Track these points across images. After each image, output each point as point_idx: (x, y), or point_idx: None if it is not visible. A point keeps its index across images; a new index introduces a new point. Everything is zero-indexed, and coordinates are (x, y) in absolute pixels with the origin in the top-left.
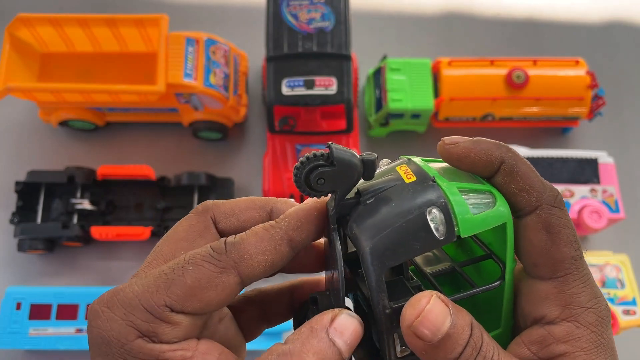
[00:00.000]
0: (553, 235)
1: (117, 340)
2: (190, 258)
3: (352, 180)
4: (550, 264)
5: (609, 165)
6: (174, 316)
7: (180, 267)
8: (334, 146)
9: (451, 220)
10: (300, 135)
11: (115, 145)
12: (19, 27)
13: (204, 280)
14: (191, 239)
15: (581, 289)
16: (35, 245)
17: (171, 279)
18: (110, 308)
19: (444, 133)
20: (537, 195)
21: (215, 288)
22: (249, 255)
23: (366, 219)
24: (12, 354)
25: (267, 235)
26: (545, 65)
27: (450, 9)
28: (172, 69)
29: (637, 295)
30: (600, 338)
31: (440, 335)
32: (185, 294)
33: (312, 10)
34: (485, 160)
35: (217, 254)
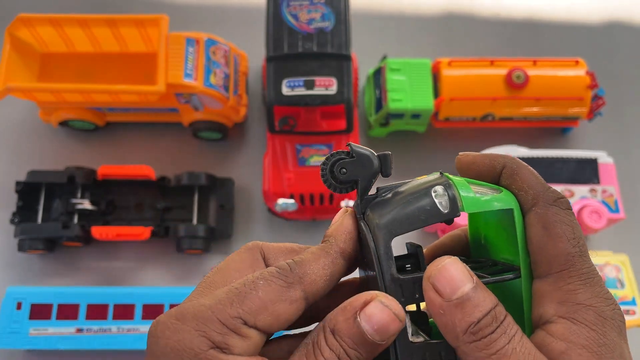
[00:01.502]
0: (549, 231)
1: (190, 349)
2: (260, 275)
3: (370, 170)
4: (546, 260)
5: (609, 165)
6: (246, 329)
7: (251, 282)
8: (352, 143)
9: (454, 197)
10: (300, 135)
11: (115, 145)
12: (19, 28)
13: (274, 294)
14: (243, 270)
15: (578, 285)
16: (36, 245)
17: (244, 292)
18: (180, 320)
19: (444, 133)
20: (534, 193)
21: (284, 302)
22: (311, 270)
23: (381, 204)
24: (12, 354)
25: (323, 252)
26: (545, 65)
27: (450, 9)
28: (172, 69)
29: (636, 295)
30: (603, 338)
31: (459, 294)
32: (258, 306)
33: (312, 11)
34: (489, 164)
35: (284, 271)
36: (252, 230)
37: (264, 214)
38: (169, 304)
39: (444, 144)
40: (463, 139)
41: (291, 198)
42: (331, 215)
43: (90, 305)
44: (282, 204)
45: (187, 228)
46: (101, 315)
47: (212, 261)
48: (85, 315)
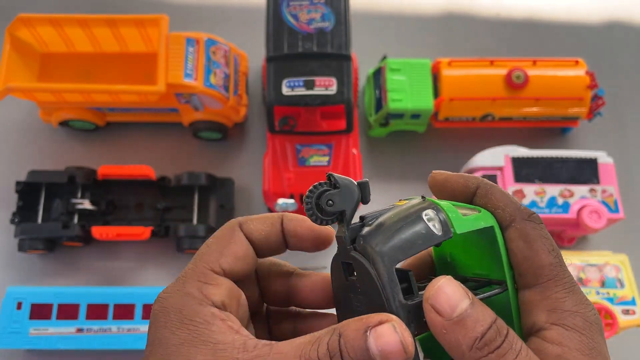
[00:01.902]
0: (530, 244)
1: (176, 307)
2: (211, 236)
3: (354, 199)
4: (531, 271)
5: (609, 165)
6: (216, 277)
7: (205, 245)
8: (334, 174)
9: (445, 220)
10: (300, 135)
11: (115, 145)
12: (19, 28)
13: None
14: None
15: (564, 294)
16: (36, 245)
17: (202, 253)
18: (167, 292)
19: (444, 133)
20: (510, 211)
21: (235, 243)
22: (251, 221)
23: (371, 233)
24: (12, 354)
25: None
26: (545, 65)
27: (450, 9)
28: (173, 69)
29: (636, 295)
30: (592, 342)
31: (459, 312)
32: (216, 255)
33: (312, 11)
34: (463, 184)
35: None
36: None
37: None
38: None
39: (444, 144)
40: (463, 139)
41: (291, 198)
42: None
43: (90, 305)
44: (282, 204)
45: (187, 228)
46: (101, 315)
47: None
48: (86, 315)
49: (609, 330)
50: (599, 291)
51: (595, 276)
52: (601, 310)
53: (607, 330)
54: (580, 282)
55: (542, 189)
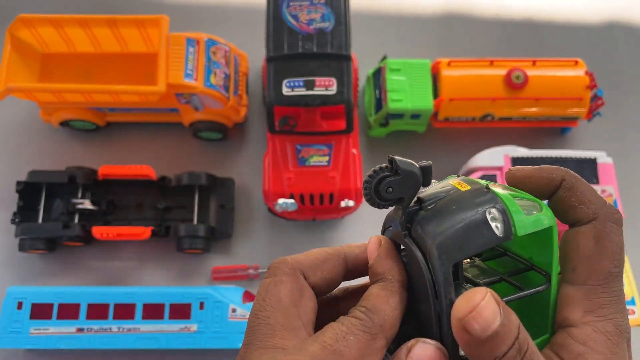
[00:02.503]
0: (600, 246)
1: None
2: (347, 329)
3: (416, 186)
4: (587, 270)
5: (608, 165)
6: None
7: (342, 337)
8: (396, 157)
9: (509, 220)
10: (300, 135)
11: (116, 145)
12: (20, 28)
13: (364, 349)
14: (296, 302)
15: (608, 301)
16: (36, 245)
17: (339, 351)
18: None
19: (444, 133)
20: (595, 208)
21: (373, 354)
22: (387, 316)
23: (430, 221)
24: (13, 353)
25: (389, 292)
26: (545, 65)
27: (450, 10)
28: (173, 70)
29: (636, 295)
30: (616, 348)
31: (490, 332)
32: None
33: (312, 11)
34: (548, 177)
35: (365, 322)
36: (252, 230)
37: (264, 214)
38: (169, 304)
39: (444, 144)
40: (462, 139)
41: (291, 198)
42: (331, 215)
43: (90, 304)
44: (282, 204)
45: (188, 228)
46: (102, 315)
47: (212, 261)
48: (86, 315)
49: None
50: None
51: None
52: None
53: None
54: None
55: None
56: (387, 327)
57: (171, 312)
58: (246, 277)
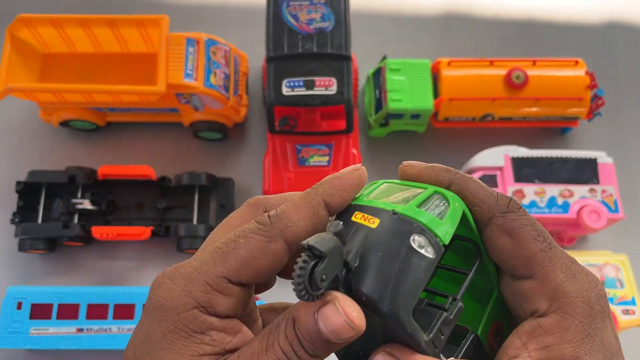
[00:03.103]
0: (515, 236)
1: (174, 307)
2: (241, 232)
3: (341, 256)
4: (524, 263)
5: (608, 165)
6: (229, 287)
7: (232, 241)
8: (313, 243)
9: (432, 237)
10: (300, 135)
11: (116, 145)
12: (20, 28)
13: (255, 250)
14: (242, 226)
15: (563, 278)
16: (36, 245)
17: (225, 252)
18: (172, 280)
19: (444, 133)
20: (488, 207)
21: (266, 256)
22: (292, 223)
23: (366, 279)
24: (13, 354)
25: (304, 203)
26: (545, 65)
27: (450, 9)
28: (173, 70)
29: (636, 295)
30: (588, 329)
31: None
32: (240, 264)
33: (312, 11)
34: (435, 180)
35: (264, 226)
36: None
37: None
38: None
39: (444, 144)
40: (462, 139)
41: None
42: None
43: (90, 305)
44: None
45: (188, 228)
46: (101, 315)
47: None
48: (86, 315)
49: None
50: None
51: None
52: None
53: None
54: None
55: (542, 189)
56: (288, 233)
57: None
58: None
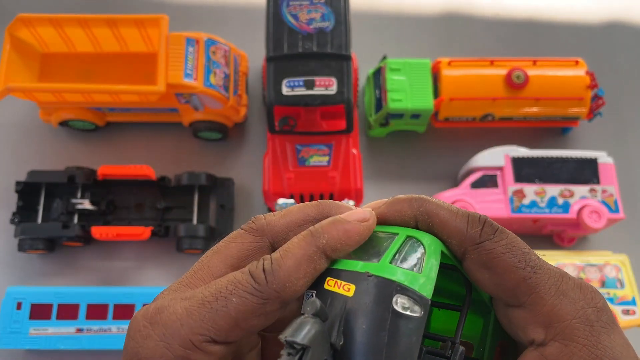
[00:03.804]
0: (494, 269)
1: (152, 358)
2: (234, 289)
3: (327, 341)
4: (510, 294)
5: (609, 165)
6: (212, 346)
7: (223, 297)
8: (291, 335)
9: (416, 294)
10: (300, 135)
11: (115, 145)
12: (20, 28)
13: (248, 313)
14: (243, 258)
15: (555, 300)
16: (36, 245)
17: (215, 309)
18: (151, 324)
19: (444, 133)
20: (458, 242)
21: (259, 317)
22: (290, 282)
23: (356, 358)
24: (12, 354)
25: (305, 258)
26: (545, 65)
27: (450, 9)
28: (173, 69)
29: (636, 295)
30: (595, 350)
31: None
32: (229, 325)
33: (312, 11)
34: (400, 221)
35: (259, 286)
36: None
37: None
38: None
39: (444, 144)
40: (463, 139)
41: (291, 198)
42: None
43: (90, 305)
44: (282, 204)
45: (187, 228)
46: (101, 315)
47: None
48: (85, 315)
49: None
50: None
51: (595, 276)
52: None
53: None
54: None
55: (542, 189)
56: (286, 293)
57: None
58: None
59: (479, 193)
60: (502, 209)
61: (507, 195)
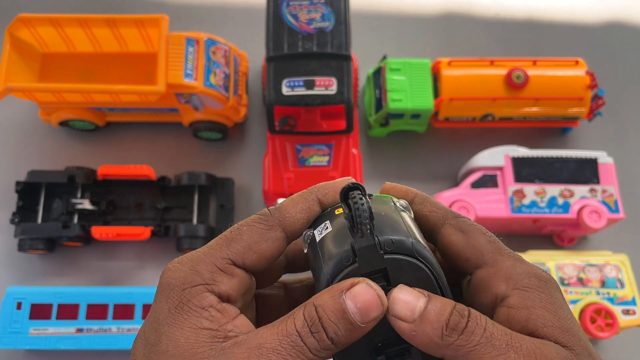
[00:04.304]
0: (466, 233)
1: (180, 283)
2: (244, 222)
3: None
4: (475, 253)
5: (609, 165)
6: (233, 268)
7: (236, 229)
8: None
9: (404, 203)
10: (300, 135)
11: (115, 145)
12: (20, 28)
13: (257, 236)
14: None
15: (512, 262)
16: (36, 245)
17: (230, 238)
18: (180, 263)
19: (444, 133)
20: (443, 213)
21: (267, 241)
22: (289, 214)
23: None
24: (12, 354)
25: (301, 199)
26: (545, 65)
27: (450, 9)
28: (173, 69)
29: (636, 295)
30: (551, 297)
31: (419, 311)
32: (244, 248)
33: (312, 11)
34: (405, 192)
35: (264, 216)
36: None
37: None
38: None
39: (444, 144)
40: (463, 139)
41: None
42: None
43: (90, 305)
44: None
45: (187, 228)
46: (101, 315)
47: None
48: (85, 315)
49: (609, 330)
50: (599, 291)
51: (596, 276)
52: (601, 310)
53: (607, 330)
54: (580, 282)
55: (542, 189)
56: (286, 222)
57: None
58: None
59: (479, 193)
60: (502, 209)
61: (507, 195)
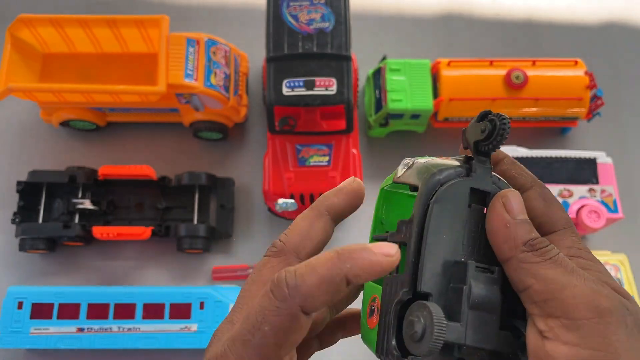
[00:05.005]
0: (548, 202)
1: None
2: (262, 318)
3: None
4: (550, 221)
5: (608, 165)
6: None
7: (258, 329)
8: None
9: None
10: (300, 135)
11: (116, 145)
12: (20, 28)
13: (283, 333)
14: None
15: (575, 240)
16: (37, 245)
17: (255, 345)
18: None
19: (444, 133)
20: (532, 178)
21: (296, 332)
22: (311, 298)
23: None
24: (13, 353)
25: (328, 277)
26: (544, 65)
27: (449, 10)
28: (173, 70)
29: (636, 294)
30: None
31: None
32: (275, 350)
33: (312, 11)
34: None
35: (282, 303)
36: (252, 230)
37: (264, 214)
38: (169, 304)
39: (444, 144)
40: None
41: (291, 198)
42: None
43: (91, 304)
44: (282, 204)
45: (188, 228)
46: (102, 315)
47: (212, 261)
48: (86, 315)
49: None
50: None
51: None
52: None
53: None
54: None
55: None
56: (308, 307)
57: (171, 312)
58: (246, 277)
59: None
60: None
61: None
